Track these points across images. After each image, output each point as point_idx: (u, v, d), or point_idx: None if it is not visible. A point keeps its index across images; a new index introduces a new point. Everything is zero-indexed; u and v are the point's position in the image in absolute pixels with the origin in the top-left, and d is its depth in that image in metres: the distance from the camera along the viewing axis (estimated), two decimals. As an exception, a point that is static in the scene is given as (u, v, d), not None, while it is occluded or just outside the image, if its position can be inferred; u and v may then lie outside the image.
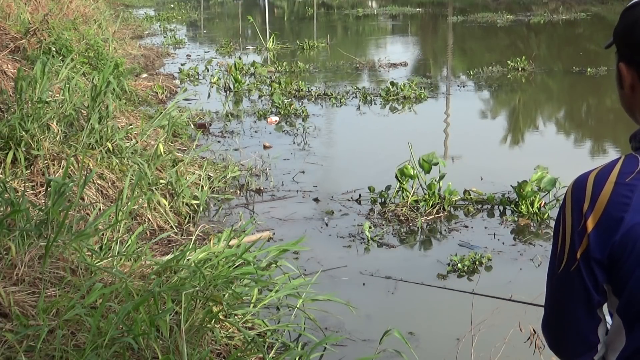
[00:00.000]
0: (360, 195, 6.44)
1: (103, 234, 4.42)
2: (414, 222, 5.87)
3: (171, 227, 5.45)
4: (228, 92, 11.74)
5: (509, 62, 13.26)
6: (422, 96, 10.98)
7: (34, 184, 5.09)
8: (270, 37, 17.32)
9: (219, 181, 6.56)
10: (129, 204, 4.88)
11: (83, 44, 9.20)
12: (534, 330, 3.61)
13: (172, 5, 29.97)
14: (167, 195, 5.80)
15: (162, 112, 7.45)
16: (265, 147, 8.26)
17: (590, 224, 1.43)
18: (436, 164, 6.29)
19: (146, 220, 5.32)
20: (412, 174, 6.21)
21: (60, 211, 4.01)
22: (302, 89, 11.34)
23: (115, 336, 3.02)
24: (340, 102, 10.81)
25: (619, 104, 1.63)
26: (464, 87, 12.19)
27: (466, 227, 5.83)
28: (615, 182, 1.41)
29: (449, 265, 5.06)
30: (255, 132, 9.01)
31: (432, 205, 6.07)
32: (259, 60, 15.07)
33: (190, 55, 15.93)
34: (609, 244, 1.42)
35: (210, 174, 6.57)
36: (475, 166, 7.24)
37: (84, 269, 3.82)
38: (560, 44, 18.91)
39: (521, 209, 5.93)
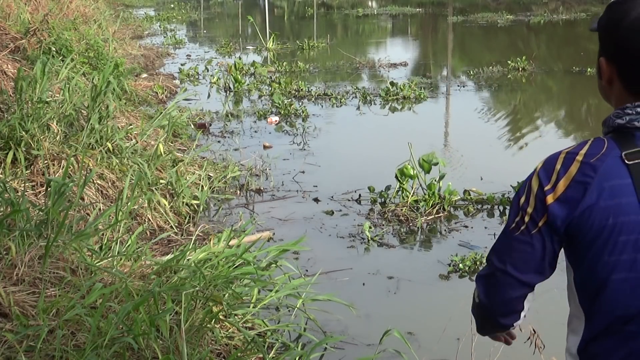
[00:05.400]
0: (360, 195, 6.44)
1: (103, 234, 4.42)
2: (414, 222, 5.87)
3: (171, 227, 5.45)
4: (228, 92, 11.74)
5: (509, 62, 13.26)
6: (422, 96, 10.99)
7: (34, 184, 5.09)
8: (270, 37, 17.32)
9: (219, 181, 6.56)
10: (129, 204, 4.88)
11: (83, 44, 9.20)
12: (534, 330, 3.61)
13: (172, 5, 29.96)
14: (167, 195, 5.80)
15: (162, 112, 7.45)
16: (265, 147, 8.26)
17: (554, 196, 1.54)
18: (436, 164, 6.29)
19: (146, 220, 5.32)
20: (412, 174, 6.21)
21: (60, 211, 4.01)
22: (302, 89, 11.34)
23: (115, 336, 3.02)
24: (340, 102, 10.81)
25: None
26: (464, 87, 12.19)
27: (466, 227, 5.83)
28: (581, 161, 1.54)
29: (449, 265, 5.06)
30: (255, 132, 9.01)
31: (432, 205, 6.07)
32: (259, 60, 15.07)
33: (190, 55, 15.92)
34: (569, 218, 1.53)
35: (210, 174, 6.57)
36: (475, 166, 7.23)
37: (84, 269, 3.82)
38: (560, 44, 18.91)
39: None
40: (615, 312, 1.51)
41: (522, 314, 1.69)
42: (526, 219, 1.58)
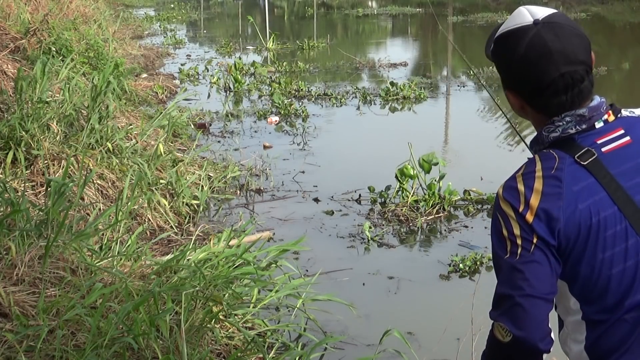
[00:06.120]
0: (360, 195, 6.44)
1: (103, 234, 4.41)
2: (414, 222, 5.87)
3: (171, 227, 5.45)
4: (228, 92, 11.73)
5: (509, 62, 13.24)
6: (422, 96, 10.98)
7: (34, 184, 5.09)
8: (270, 37, 17.31)
9: (219, 181, 6.56)
10: (129, 204, 4.88)
11: (83, 44, 9.20)
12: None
13: (172, 5, 29.95)
14: (167, 195, 5.80)
15: (162, 112, 7.45)
16: (265, 147, 8.26)
17: (531, 214, 1.56)
18: (436, 164, 6.29)
19: (146, 220, 5.32)
20: (412, 174, 6.21)
21: (60, 211, 4.01)
22: (302, 89, 11.34)
23: (115, 336, 3.02)
24: (340, 102, 10.81)
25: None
26: (464, 87, 12.19)
27: (466, 227, 5.83)
28: (543, 176, 1.57)
29: (450, 265, 5.06)
30: (255, 132, 9.01)
31: (432, 205, 6.07)
32: (259, 60, 15.06)
33: (190, 55, 15.92)
34: (555, 231, 1.54)
35: (210, 174, 6.57)
36: (475, 166, 7.23)
37: (84, 269, 3.82)
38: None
39: (521, 209, 5.92)
40: (624, 302, 1.53)
41: (552, 336, 1.63)
42: (519, 242, 1.57)
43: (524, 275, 1.56)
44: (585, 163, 1.56)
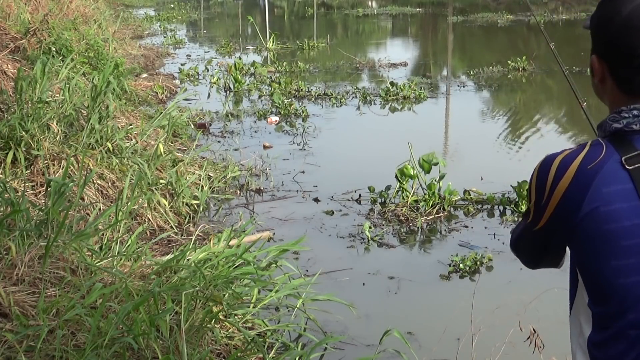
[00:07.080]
0: (360, 195, 6.44)
1: (103, 234, 4.41)
2: (414, 222, 5.87)
3: (171, 227, 5.45)
4: (228, 92, 11.73)
5: (509, 62, 13.26)
6: (422, 96, 10.98)
7: (34, 184, 5.09)
8: (270, 37, 17.32)
9: (219, 181, 6.56)
10: (129, 204, 4.88)
11: (83, 44, 9.20)
12: (534, 329, 3.61)
13: (172, 5, 29.95)
14: (167, 195, 5.80)
15: (162, 112, 7.45)
16: (265, 147, 8.26)
17: (551, 206, 1.56)
18: (436, 164, 6.29)
19: (146, 220, 5.32)
20: (412, 174, 6.21)
21: (60, 211, 4.01)
22: (302, 89, 11.34)
23: (115, 336, 3.02)
24: (340, 102, 10.81)
25: None
26: (464, 87, 12.19)
27: (466, 227, 5.82)
28: (577, 169, 1.52)
29: (450, 265, 5.06)
30: (255, 132, 9.01)
31: (432, 205, 6.07)
32: (259, 60, 15.07)
33: (190, 55, 15.92)
34: (570, 225, 1.53)
35: (210, 174, 6.57)
36: (475, 166, 7.23)
37: (84, 269, 3.82)
38: (560, 44, 18.84)
39: (521, 209, 5.93)
40: (627, 316, 1.47)
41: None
42: (531, 214, 1.62)
43: (522, 241, 1.71)
44: (630, 167, 1.47)
